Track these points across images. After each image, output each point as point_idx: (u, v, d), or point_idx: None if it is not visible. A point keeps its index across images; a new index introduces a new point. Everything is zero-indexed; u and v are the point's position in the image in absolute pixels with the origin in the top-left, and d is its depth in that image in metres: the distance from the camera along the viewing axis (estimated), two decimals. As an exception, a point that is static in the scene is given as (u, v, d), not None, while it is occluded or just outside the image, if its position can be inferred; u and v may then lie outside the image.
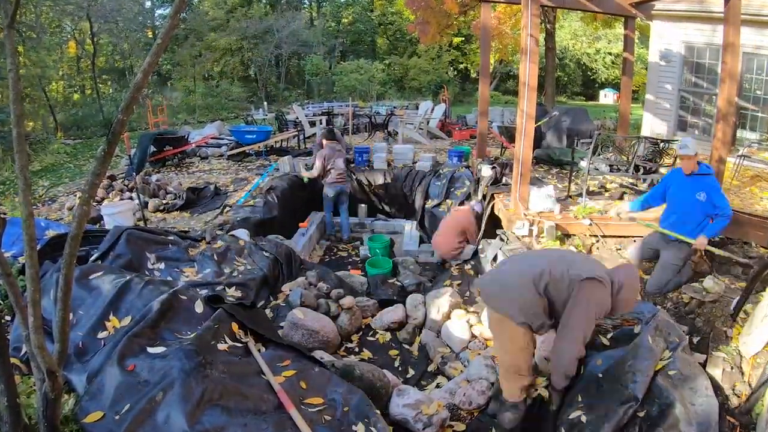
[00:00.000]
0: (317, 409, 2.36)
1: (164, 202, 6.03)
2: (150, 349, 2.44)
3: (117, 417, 2.12)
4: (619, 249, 4.50)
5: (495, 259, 4.33)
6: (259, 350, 2.75)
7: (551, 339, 3.02)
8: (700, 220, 3.58)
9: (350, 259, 6.34)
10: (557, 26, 14.79)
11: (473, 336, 3.59)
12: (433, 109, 11.97)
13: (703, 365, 2.78)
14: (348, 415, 2.34)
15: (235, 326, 2.79)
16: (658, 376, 2.39)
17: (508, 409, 2.64)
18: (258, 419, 2.17)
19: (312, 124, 10.82)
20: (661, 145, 4.75)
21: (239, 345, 2.69)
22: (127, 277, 3.03)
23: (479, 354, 3.35)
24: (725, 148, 4.65)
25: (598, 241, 4.51)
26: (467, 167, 6.91)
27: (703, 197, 3.52)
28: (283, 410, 2.27)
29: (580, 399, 2.51)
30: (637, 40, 12.32)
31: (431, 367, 3.46)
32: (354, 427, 2.27)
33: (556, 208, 4.78)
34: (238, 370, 2.43)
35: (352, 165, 8.01)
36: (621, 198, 5.20)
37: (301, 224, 6.58)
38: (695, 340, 3.08)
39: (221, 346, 2.58)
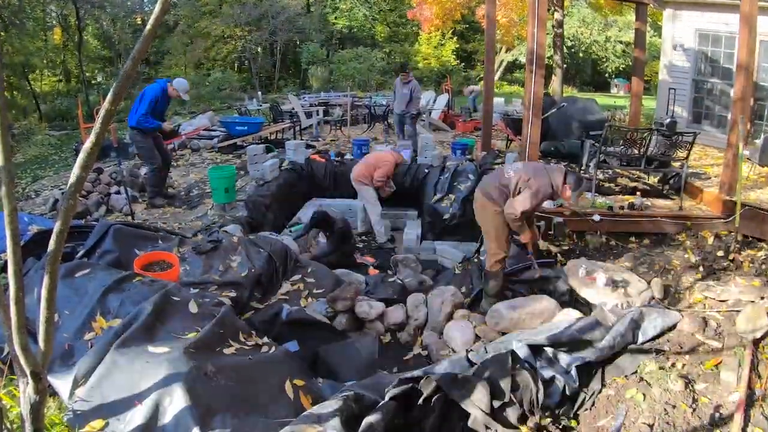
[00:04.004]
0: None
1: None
2: (151, 348, 2.32)
3: (120, 425, 2.04)
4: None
5: None
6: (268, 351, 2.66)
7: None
8: None
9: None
10: (565, 13, 14.40)
11: (477, 337, 3.46)
12: (435, 100, 11.74)
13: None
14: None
15: (241, 328, 2.71)
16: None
17: (491, 278, 3.64)
18: (269, 423, 2.10)
19: (308, 115, 10.56)
20: (674, 138, 4.60)
21: (247, 347, 2.60)
22: (115, 275, 2.89)
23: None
24: (742, 140, 4.48)
25: (608, 239, 4.38)
26: (471, 160, 6.72)
27: None
28: (295, 413, 2.17)
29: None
30: (649, 28, 12.04)
31: (434, 369, 3.34)
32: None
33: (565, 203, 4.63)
34: (246, 374, 2.36)
35: (351, 159, 7.78)
36: (632, 193, 5.04)
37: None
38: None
39: (228, 350, 2.49)
